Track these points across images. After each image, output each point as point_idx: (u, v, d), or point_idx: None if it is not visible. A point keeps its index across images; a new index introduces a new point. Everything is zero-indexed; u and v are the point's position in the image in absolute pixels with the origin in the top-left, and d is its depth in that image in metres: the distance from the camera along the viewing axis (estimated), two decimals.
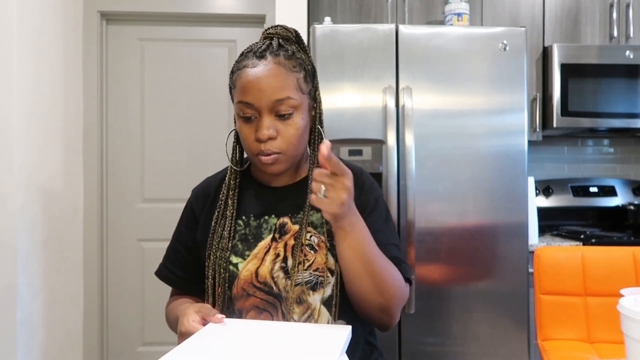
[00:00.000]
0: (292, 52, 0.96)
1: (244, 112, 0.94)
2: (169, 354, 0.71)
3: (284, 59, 0.93)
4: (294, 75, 0.94)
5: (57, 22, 2.30)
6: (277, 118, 0.93)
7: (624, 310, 0.79)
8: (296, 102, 0.93)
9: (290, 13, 2.25)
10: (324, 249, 0.96)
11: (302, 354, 0.71)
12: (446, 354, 1.92)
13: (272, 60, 0.92)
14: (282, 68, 0.92)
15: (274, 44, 0.95)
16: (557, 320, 1.54)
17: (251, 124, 0.94)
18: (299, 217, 0.99)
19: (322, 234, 0.97)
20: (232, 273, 0.97)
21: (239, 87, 0.93)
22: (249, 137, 0.94)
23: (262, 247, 0.98)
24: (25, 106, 2.01)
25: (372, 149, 1.92)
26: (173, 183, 2.66)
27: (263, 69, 0.92)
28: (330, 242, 0.96)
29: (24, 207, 2.00)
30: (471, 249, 1.92)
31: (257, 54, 0.93)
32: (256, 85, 0.91)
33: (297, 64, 0.95)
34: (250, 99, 0.92)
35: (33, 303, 2.08)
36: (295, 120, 0.94)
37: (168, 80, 2.68)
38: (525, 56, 1.95)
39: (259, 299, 0.96)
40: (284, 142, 0.94)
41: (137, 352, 2.66)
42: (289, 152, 0.95)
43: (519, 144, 1.95)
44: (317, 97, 1.01)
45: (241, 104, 0.93)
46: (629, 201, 2.65)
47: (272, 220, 1.00)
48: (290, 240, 0.98)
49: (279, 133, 0.93)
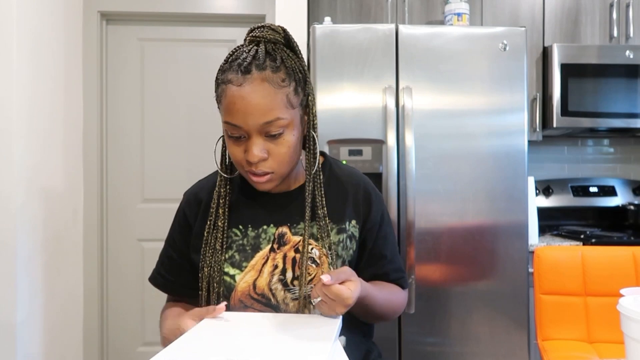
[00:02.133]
0: (281, 61, 0.89)
1: (232, 133, 0.89)
2: (164, 350, 0.71)
3: (271, 72, 0.86)
4: (282, 92, 0.87)
5: (57, 22, 2.30)
6: (267, 138, 0.88)
7: (624, 310, 0.79)
8: (286, 120, 0.88)
9: (290, 13, 2.25)
10: (325, 262, 0.95)
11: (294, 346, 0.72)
12: (446, 354, 1.92)
13: (258, 76, 0.86)
14: (270, 85, 0.86)
15: (259, 53, 0.88)
16: (557, 320, 1.54)
17: (240, 143, 0.90)
18: (299, 227, 0.97)
19: (324, 247, 0.96)
20: (228, 285, 0.96)
21: (225, 107, 0.88)
22: (238, 156, 0.90)
23: (259, 258, 0.96)
24: (25, 106, 2.01)
25: (372, 149, 1.92)
26: (173, 183, 2.66)
27: (249, 90, 0.85)
28: (332, 255, 0.95)
29: (24, 207, 2.00)
30: (471, 249, 1.92)
31: (242, 68, 0.86)
32: (242, 108, 0.85)
33: (286, 76, 0.88)
34: (237, 122, 0.87)
35: (33, 303, 2.08)
36: (287, 138, 0.89)
37: (168, 81, 2.67)
38: (525, 56, 1.95)
39: (257, 310, 0.95)
40: (275, 161, 0.90)
41: (137, 352, 2.66)
42: (281, 171, 0.92)
43: (519, 144, 1.95)
44: (310, 102, 0.95)
45: (228, 125, 0.88)
46: (629, 201, 2.65)
47: (271, 230, 0.98)
48: (289, 252, 0.96)
49: (270, 153, 0.89)
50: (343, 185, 1.03)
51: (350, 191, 1.03)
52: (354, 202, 1.02)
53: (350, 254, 1.00)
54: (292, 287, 0.94)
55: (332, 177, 1.04)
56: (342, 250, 0.99)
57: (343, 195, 1.02)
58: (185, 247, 1.04)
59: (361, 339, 1.05)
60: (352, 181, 1.04)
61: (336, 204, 1.00)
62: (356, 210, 1.02)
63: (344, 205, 1.01)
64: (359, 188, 1.04)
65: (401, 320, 1.90)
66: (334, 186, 1.02)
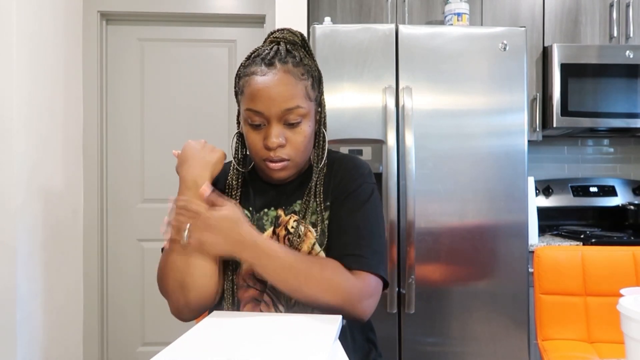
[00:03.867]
0: (300, 59, 0.96)
1: (253, 120, 0.95)
2: (164, 350, 0.72)
3: (292, 66, 0.94)
4: (302, 84, 0.95)
5: (57, 22, 2.30)
6: (285, 126, 0.94)
7: (624, 310, 0.79)
8: (305, 110, 0.95)
9: (290, 13, 2.25)
10: (310, 237, 0.97)
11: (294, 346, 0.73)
12: (446, 354, 1.92)
13: (281, 68, 0.93)
14: (291, 76, 0.93)
15: (281, 50, 0.96)
16: (557, 320, 1.54)
17: (259, 131, 0.95)
18: (290, 208, 1.01)
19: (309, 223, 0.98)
20: (236, 262, 0.98)
21: (248, 95, 0.94)
22: (257, 144, 0.96)
23: None
24: (25, 106, 2.01)
25: (372, 149, 1.92)
26: (173, 183, 2.63)
27: (273, 78, 0.92)
28: (316, 231, 0.98)
29: (24, 207, 2.00)
30: (471, 249, 1.92)
31: (265, 61, 0.94)
32: (266, 94, 0.92)
33: (305, 71, 0.96)
34: (259, 108, 0.93)
35: (33, 303, 2.08)
36: (304, 128, 0.96)
37: (168, 80, 2.67)
38: (525, 56, 1.95)
39: (257, 291, 0.97)
40: (293, 149, 0.95)
41: (137, 352, 2.66)
42: (297, 159, 0.97)
43: (519, 144, 1.95)
44: (322, 101, 1.03)
45: (250, 111, 0.94)
46: (629, 201, 2.65)
47: (272, 213, 1.01)
48: (281, 232, 0.99)
49: (288, 141, 0.95)
50: (332, 165, 1.05)
51: (334, 168, 1.04)
52: (333, 177, 1.03)
53: None
54: None
55: (328, 164, 1.06)
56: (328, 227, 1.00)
57: (329, 174, 1.04)
58: None
59: (361, 339, 1.05)
60: (337, 157, 1.07)
61: (325, 186, 1.02)
62: (334, 184, 1.02)
63: (329, 183, 1.03)
64: (340, 163, 1.05)
65: (401, 320, 1.90)
66: (328, 172, 1.04)
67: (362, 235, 0.96)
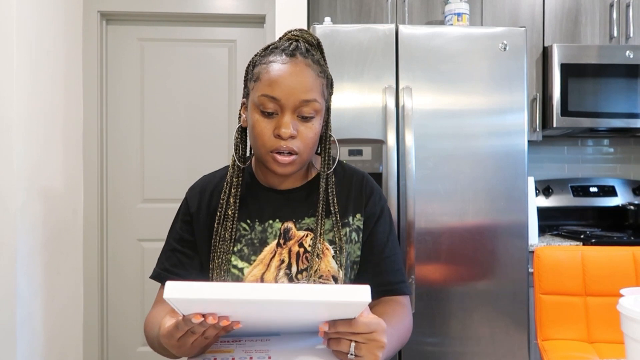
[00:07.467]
0: (318, 59, 0.96)
1: (266, 107, 0.91)
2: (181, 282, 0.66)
3: (312, 62, 0.94)
4: (320, 80, 0.94)
5: (57, 22, 2.30)
6: (298, 119, 0.92)
7: (624, 310, 0.79)
8: (319, 106, 0.94)
9: (290, 13, 2.25)
10: (328, 255, 0.96)
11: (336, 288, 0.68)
12: (446, 354, 1.92)
13: (302, 61, 0.92)
14: (312, 70, 0.93)
15: (301, 46, 0.95)
16: (557, 320, 1.54)
17: (270, 120, 0.92)
18: (303, 222, 0.99)
19: (326, 241, 0.97)
20: (237, 278, 0.96)
21: (266, 80, 0.91)
22: (266, 133, 0.92)
23: (267, 253, 0.98)
24: (25, 106, 2.01)
25: (372, 149, 1.92)
26: (173, 183, 2.66)
27: (295, 67, 0.91)
28: (334, 249, 0.97)
29: (24, 207, 2.00)
30: (471, 249, 1.92)
31: (286, 52, 0.93)
32: (286, 81, 0.90)
33: (322, 71, 0.96)
34: (277, 94, 0.90)
35: (33, 303, 2.08)
36: (315, 124, 0.94)
37: (168, 81, 2.67)
38: (525, 56, 1.95)
39: None
40: (302, 143, 0.93)
41: (137, 352, 2.66)
42: (304, 155, 0.95)
43: (519, 144, 1.95)
44: (330, 106, 1.03)
45: (266, 97, 0.91)
46: (629, 201, 2.65)
47: (277, 225, 0.99)
48: (294, 247, 0.97)
49: (299, 134, 0.92)
50: (347, 180, 1.05)
51: (354, 186, 1.05)
52: (356, 196, 1.04)
53: (355, 248, 1.01)
54: (297, 280, 0.96)
55: (338, 174, 1.06)
56: (347, 244, 1.00)
57: (347, 190, 1.04)
58: (189, 235, 1.02)
59: None
60: (355, 175, 1.07)
61: (340, 199, 1.02)
62: (359, 203, 1.03)
63: (348, 199, 1.03)
64: (362, 182, 1.05)
65: None
66: (339, 182, 1.04)
67: (398, 259, 1.03)
